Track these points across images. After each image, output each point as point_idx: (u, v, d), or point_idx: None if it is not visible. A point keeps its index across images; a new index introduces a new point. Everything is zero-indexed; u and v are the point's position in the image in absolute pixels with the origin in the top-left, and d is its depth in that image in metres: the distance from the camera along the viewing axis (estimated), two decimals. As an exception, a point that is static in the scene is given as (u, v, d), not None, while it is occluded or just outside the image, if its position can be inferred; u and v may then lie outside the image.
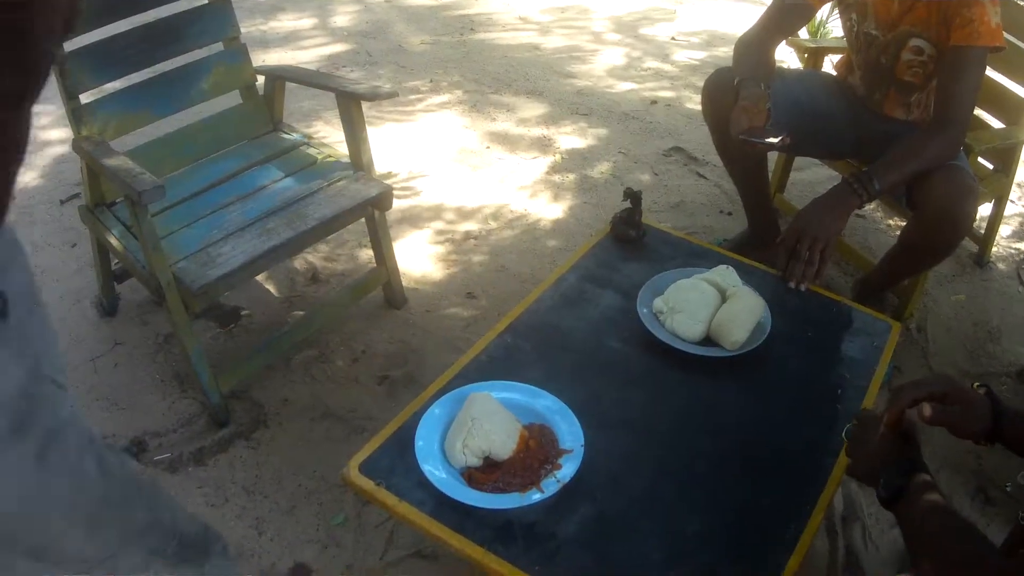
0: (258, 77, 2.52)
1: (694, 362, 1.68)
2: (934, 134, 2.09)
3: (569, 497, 1.39)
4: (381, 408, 2.25)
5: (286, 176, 2.38)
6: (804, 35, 3.63)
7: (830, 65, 2.76)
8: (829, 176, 3.22)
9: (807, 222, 1.99)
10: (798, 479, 1.47)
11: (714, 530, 1.38)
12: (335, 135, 3.35)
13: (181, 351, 2.30)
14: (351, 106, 2.29)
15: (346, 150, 2.43)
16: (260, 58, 4.06)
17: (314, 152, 2.49)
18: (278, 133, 2.57)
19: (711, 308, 1.74)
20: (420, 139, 3.60)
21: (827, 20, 4.27)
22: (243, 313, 2.58)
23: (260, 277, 2.68)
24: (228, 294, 2.54)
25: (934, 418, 1.22)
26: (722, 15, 5.11)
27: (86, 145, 2.06)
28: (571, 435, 1.47)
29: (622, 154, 3.54)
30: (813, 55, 2.89)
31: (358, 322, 2.56)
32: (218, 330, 2.51)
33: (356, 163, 2.39)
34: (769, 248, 2.66)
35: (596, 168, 3.43)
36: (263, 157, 2.45)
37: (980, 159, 2.67)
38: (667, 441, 1.54)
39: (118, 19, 2.17)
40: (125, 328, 2.53)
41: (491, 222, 3.07)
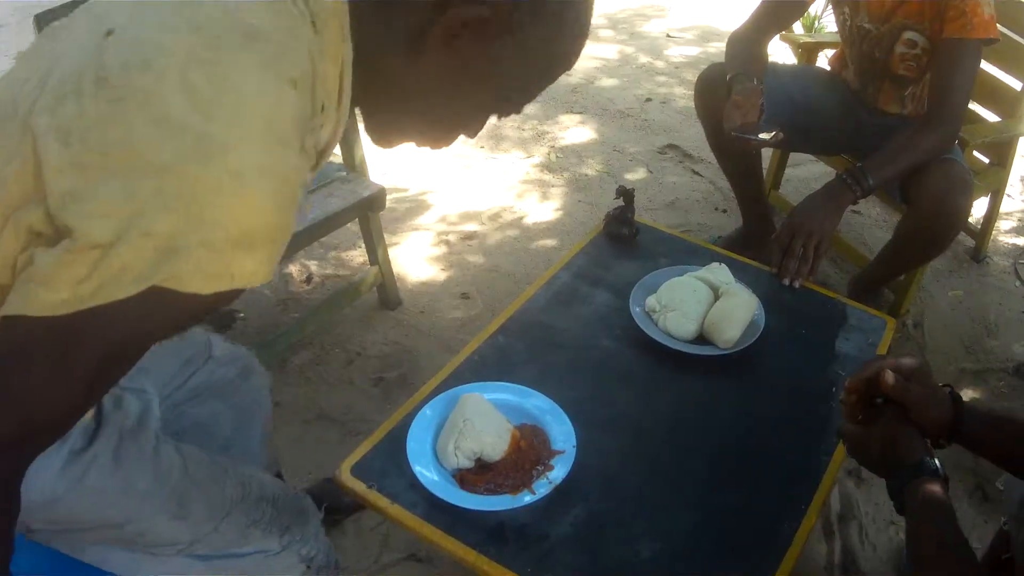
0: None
1: (687, 361, 1.67)
2: (928, 128, 2.08)
3: (561, 498, 1.38)
4: (376, 410, 2.24)
5: (278, 178, 2.36)
6: (799, 30, 3.62)
7: (825, 60, 2.75)
8: (824, 172, 3.20)
9: (802, 218, 1.99)
10: (792, 478, 1.46)
11: (708, 530, 1.37)
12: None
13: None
14: (343, 107, 2.27)
15: (339, 151, 2.42)
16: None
17: (306, 153, 2.47)
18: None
19: (704, 306, 1.73)
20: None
21: (821, 15, 4.26)
22: (238, 316, 2.57)
23: (254, 279, 2.66)
24: (221, 296, 2.52)
25: (895, 388, 1.19)
26: (715, 11, 5.09)
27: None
28: (563, 436, 1.45)
29: (616, 152, 3.52)
30: (808, 50, 2.88)
31: (352, 324, 2.55)
32: (213, 332, 2.50)
33: (349, 164, 2.38)
34: (764, 245, 2.65)
35: (590, 166, 3.42)
36: (255, 159, 2.43)
37: (976, 153, 2.66)
38: (660, 441, 1.53)
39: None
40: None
41: (485, 221, 3.06)
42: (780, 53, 3.36)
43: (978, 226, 2.89)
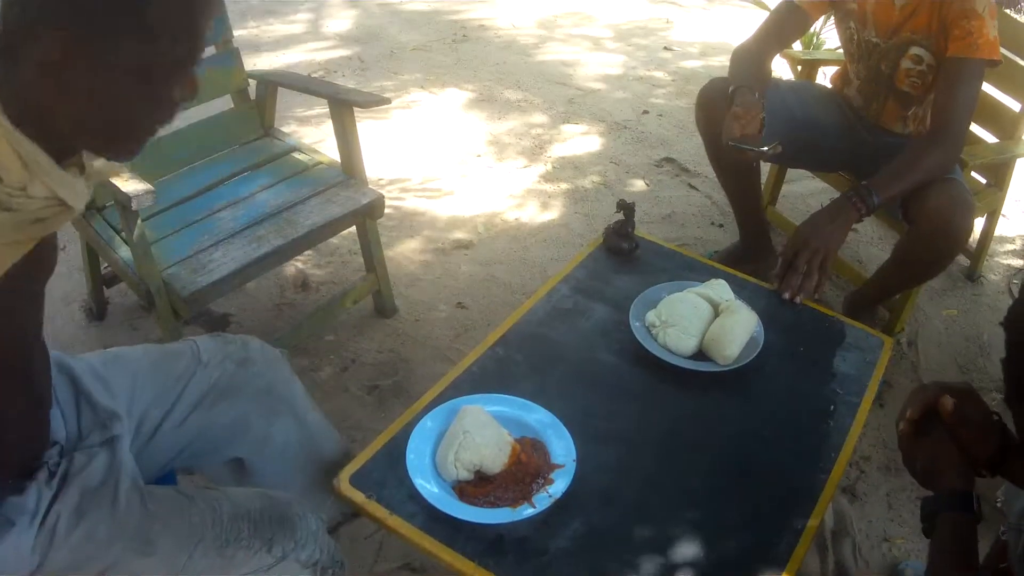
0: (250, 81, 2.50)
1: (687, 377, 1.67)
2: (931, 146, 2.09)
3: (561, 512, 1.37)
4: (371, 418, 2.24)
5: (277, 182, 2.36)
6: (797, 47, 3.64)
7: (823, 77, 2.76)
8: (821, 189, 3.22)
9: (808, 234, 1.98)
10: (790, 495, 1.46)
11: (707, 546, 1.37)
12: (326, 141, 3.32)
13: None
14: (344, 113, 2.28)
15: (337, 156, 2.42)
16: (252, 62, 4.04)
17: (305, 158, 2.47)
18: (270, 138, 2.55)
19: (704, 322, 1.73)
20: (411, 146, 3.59)
21: (820, 31, 4.27)
22: (232, 320, 2.56)
23: (249, 283, 2.65)
24: (217, 300, 2.51)
25: (955, 415, 1.21)
26: (717, 26, 5.12)
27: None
28: (563, 450, 1.45)
29: (614, 164, 3.53)
30: (807, 67, 2.89)
31: (348, 331, 2.55)
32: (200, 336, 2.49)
33: (348, 170, 2.38)
34: (760, 260, 2.66)
35: (587, 177, 3.42)
36: (254, 163, 2.43)
37: (973, 174, 2.68)
38: (659, 456, 1.52)
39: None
40: (114, 333, 2.50)
41: (482, 231, 3.06)
42: (779, 69, 3.38)
43: (973, 246, 2.90)
